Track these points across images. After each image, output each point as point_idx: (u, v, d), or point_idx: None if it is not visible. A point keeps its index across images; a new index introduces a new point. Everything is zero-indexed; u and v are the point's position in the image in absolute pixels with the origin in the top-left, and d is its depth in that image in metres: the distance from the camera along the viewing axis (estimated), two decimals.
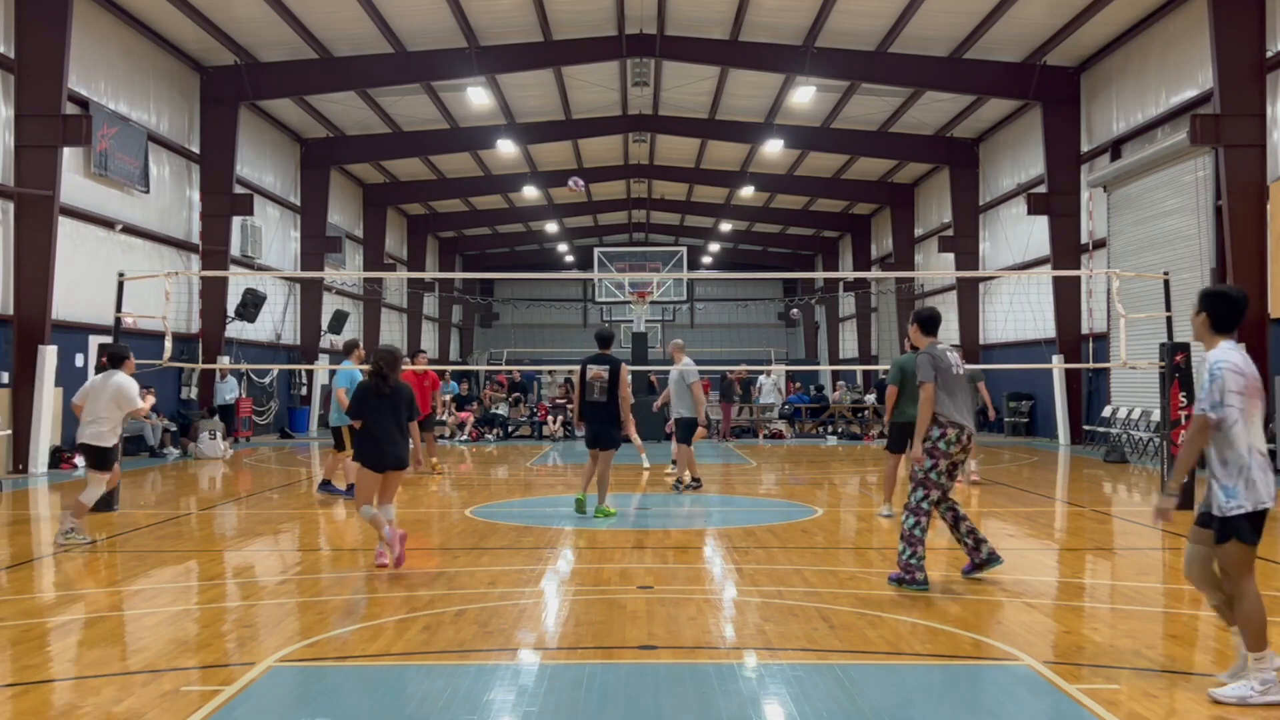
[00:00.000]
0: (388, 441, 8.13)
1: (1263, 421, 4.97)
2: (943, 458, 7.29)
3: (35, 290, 16.17)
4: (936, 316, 7.83)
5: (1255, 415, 4.89)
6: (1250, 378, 4.88)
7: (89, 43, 18.08)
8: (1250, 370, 4.90)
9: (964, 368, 7.57)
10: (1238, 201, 16.71)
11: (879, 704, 4.88)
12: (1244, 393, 4.85)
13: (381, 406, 8.17)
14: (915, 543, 7.32)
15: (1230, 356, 4.92)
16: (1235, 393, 4.84)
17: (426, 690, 5.08)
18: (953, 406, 7.33)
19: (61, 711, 4.82)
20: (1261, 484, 4.85)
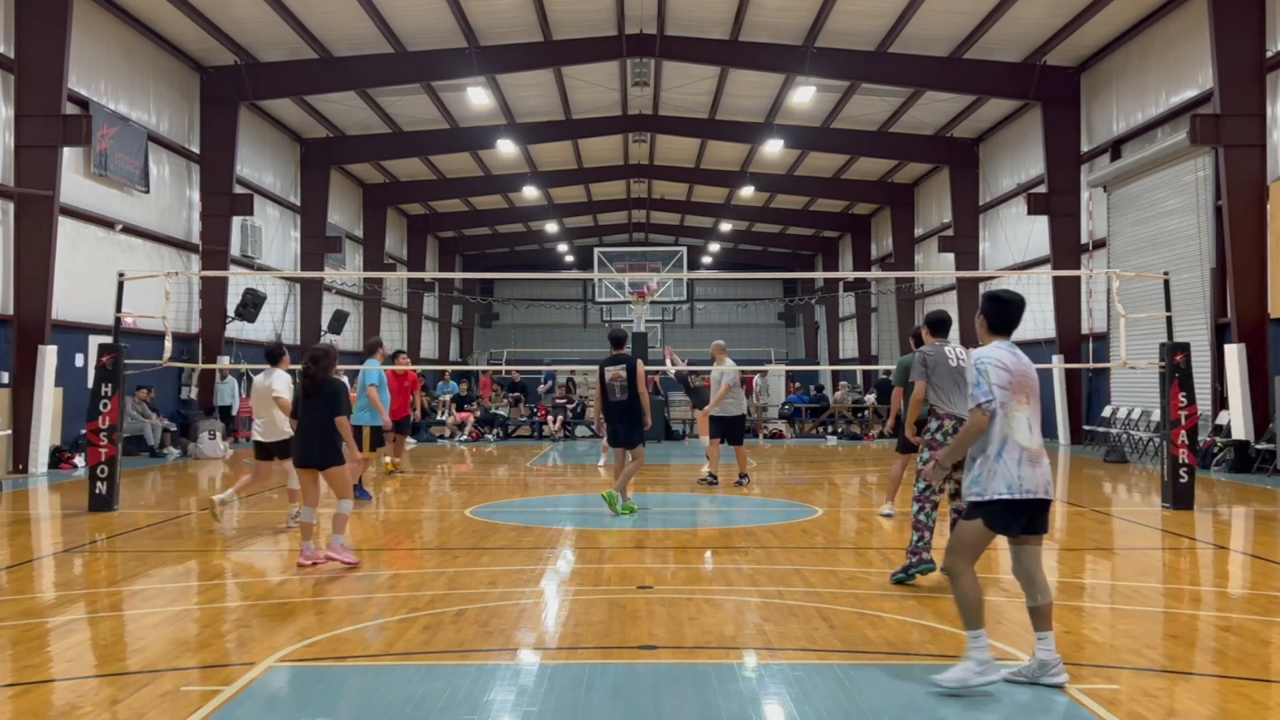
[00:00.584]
0: (307, 440, 8.19)
1: (1031, 422, 5.13)
2: (940, 449, 7.43)
3: (35, 290, 16.17)
4: (946, 319, 8.05)
5: (1018, 410, 5.09)
6: (1017, 374, 5.10)
7: (89, 43, 18.08)
8: (1019, 367, 5.13)
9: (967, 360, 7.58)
10: (1238, 201, 16.71)
11: (879, 704, 4.88)
12: (1006, 387, 5.07)
13: (307, 405, 8.20)
14: (920, 527, 7.50)
15: (995, 354, 5.15)
16: (998, 386, 5.07)
17: (426, 690, 5.08)
18: (950, 399, 7.51)
19: (61, 711, 4.82)
20: (1004, 477, 5.02)
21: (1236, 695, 5.06)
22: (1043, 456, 5.14)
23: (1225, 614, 6.83)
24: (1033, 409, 5.16)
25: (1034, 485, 5.05)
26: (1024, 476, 5.04)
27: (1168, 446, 11.92)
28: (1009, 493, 5.02)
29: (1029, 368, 5.20)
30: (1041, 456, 5.13)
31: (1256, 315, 16.51)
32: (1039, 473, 5.08)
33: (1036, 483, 5.06)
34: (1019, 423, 5.09)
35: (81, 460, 16.30)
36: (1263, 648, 5.92)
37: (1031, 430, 5.13)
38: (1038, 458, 5.11)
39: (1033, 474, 5.06)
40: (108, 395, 11.87)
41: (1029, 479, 5.05)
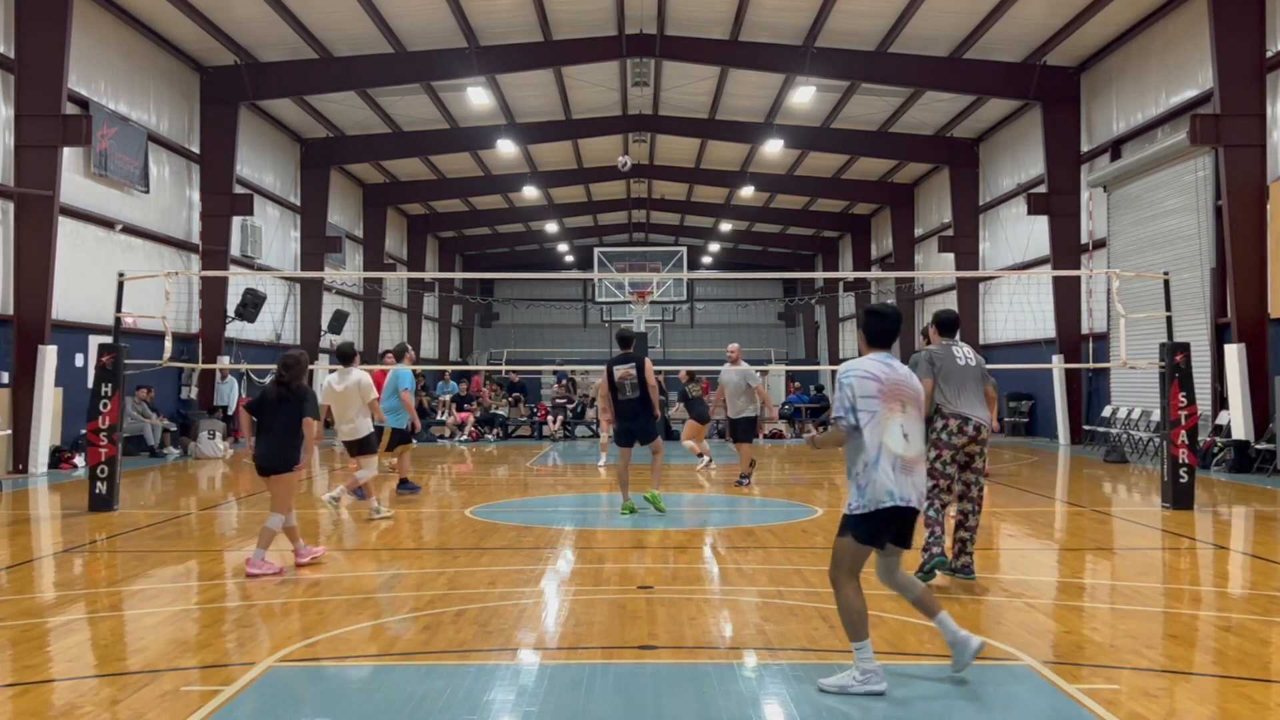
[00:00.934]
0: (271, 445, 8.08)
1: (907, 429, 5.12)
2: (945, 448, 7.41)
3: (35, 290, 16.17)
4: (952, 319, 7.99)
5: (891, 418, 5.09)
6: (888, 384, 5.13)
7: (89, 43, 18.08)
8: (891, 377, 5.15)
9: (974, 360, 7.64)
10: (1238, 201, 16.71)
11: (879, 704, 4.88)
12: (875, 396, 5.11)
13: (278, 411, 8.12)
14: (930, 523, 7.45)
15: (863, 365, 5.20)
16: (865, 398, 5.10)
17: (426, 690, 5.08)
18: (955, 398, 7.45)
19: (61, 711, 4.82)
20: (882, 485, 5.03)
21: (1236, 695, 5.06)
22: (918, 465, 5.14)
23: (1225, 614, 6.83)
24: (909, 416, 5.16)
25: (906, 493, 5.05)
26: (899, 484, 5.05)
27: (1168, 446, 11.92)
28: (888, 500, 5.03)
29: (905, 378, 5.24)
30: (917, 465, 5.14)
31: (1256, 315, 16.50)
32: (910, 480, 5.08)
33: (907, 491, 5.06)
34: (893, 430, 5.09)
35: (81, 460, 16.30)
36: (1263, 648, 5.91)
37: (908, 438, 5.13)
38: (912, 465, 5.11)
39: (905, 481, 5.06)
40: (108, 395, 11.87)
41: (902, 486, 5.05)
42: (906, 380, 5.24)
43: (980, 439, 7.43)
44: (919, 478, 5.14)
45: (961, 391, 7.47)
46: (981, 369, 7.69)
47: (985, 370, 7.75)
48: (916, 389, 5.27)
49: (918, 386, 5.30)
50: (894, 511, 5.07)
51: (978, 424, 7.40)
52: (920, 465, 5.17)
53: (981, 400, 7.56)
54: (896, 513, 5.08)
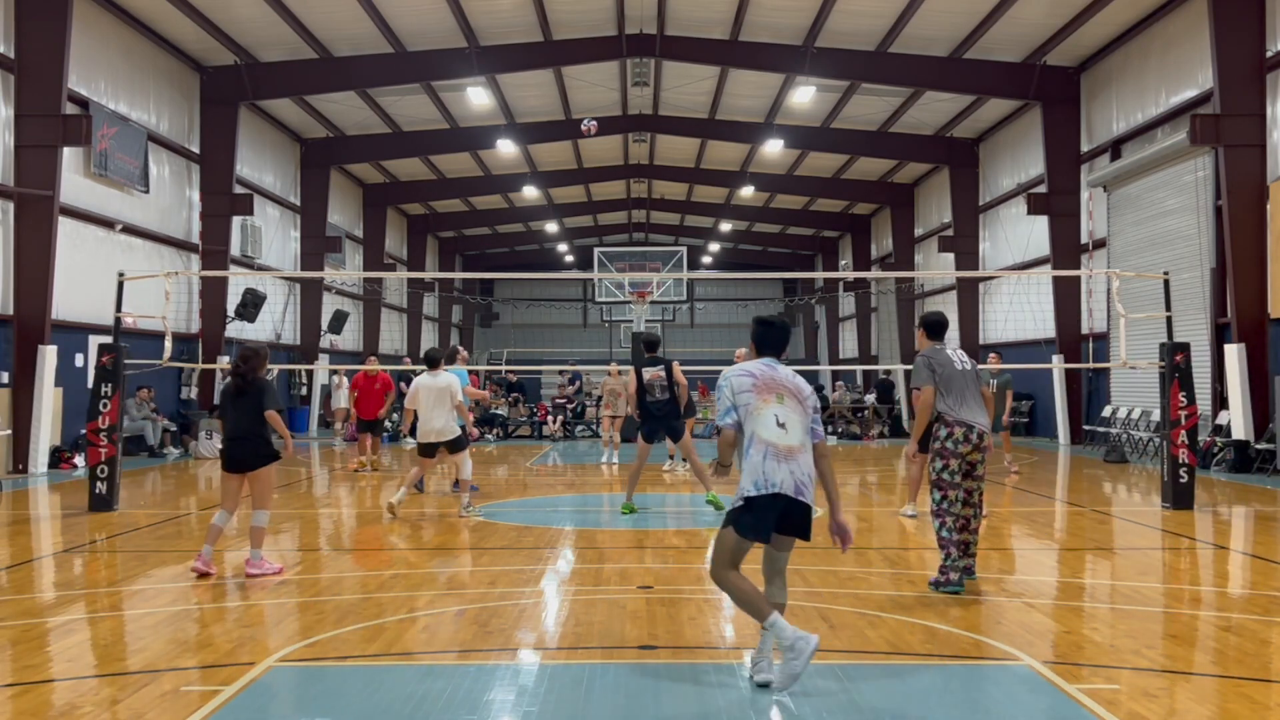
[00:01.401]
0: (239, 441, 7.99)
1: (782, 419, 5.12)
2: (952, 457, 7.26)
3: (35, 290, 16.17)
4: (943, 321, 7.84)
5: (765, 408, 5.13)
6: (763, 379, 5.22)
7: (89, 43, 18.08)
8: (767, 374, 5.24)
9: (969, 364, 7.53)
10: (1238, 201, 16.71)
11: (879, 704, 4.88)
12: (750, 390, 5.19)
13: (239, 404, 8.04)
14: (945, 545, 7.27)
15: (741, 367, 5.32)
16: (741, 393, 5.19)
17: (426, 690, 5.08)
18: (958, 405, 7.31)
19: (61, 711, 4.82)
20: (750, 474, 5.05)
21: (1236, 695, 5.05)
22: (796, 455, 5.08)
23: (1225, 614, 6.83)
24: (788, 408, 5.16)
25: (779, 480, 5.00)
26: (769, 471, 5.01)
27: (1168, 446, 11.92)
28: (754, 489, 5.01)
29: (786, 378, 5.27)
30: (794, 455, 5.08)
31: (1256, 315, 16.50)
32: (784, 468, 5.02)
33: (781, 478, 5.01)
34: (765, 419, 5.11)
35: (81, 460, 16.30)
36: (1263, 648, 5.91)
37: (786, 428, 5.11)
38: (787, 454, 5.06)
39: (777, 468, 5.02)
40: (108, 395, 11.87)
41: (774, 473, 5.01)
42: (786, 379, 5.25)
43: (982, 446, 7.32)
44: (797, 465, 5.06)
45: (963, 398, 7.34)
46: (976, 371, 7.57)
47: (979, 372, 7.67)
48: (799, 387, 5.27)
49: (802, 386, 5.29)
50: (766, 501, 5.01)
51: (980, 431, 7.28)
52: (800, 454, 5.09)
53: (981, 405, 7.44)
54: (769, 502, 5.01)
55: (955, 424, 7.28)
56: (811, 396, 5.31)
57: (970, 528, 7.40)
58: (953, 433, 7.27)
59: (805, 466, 5.10)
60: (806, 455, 5.13)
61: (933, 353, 7.53)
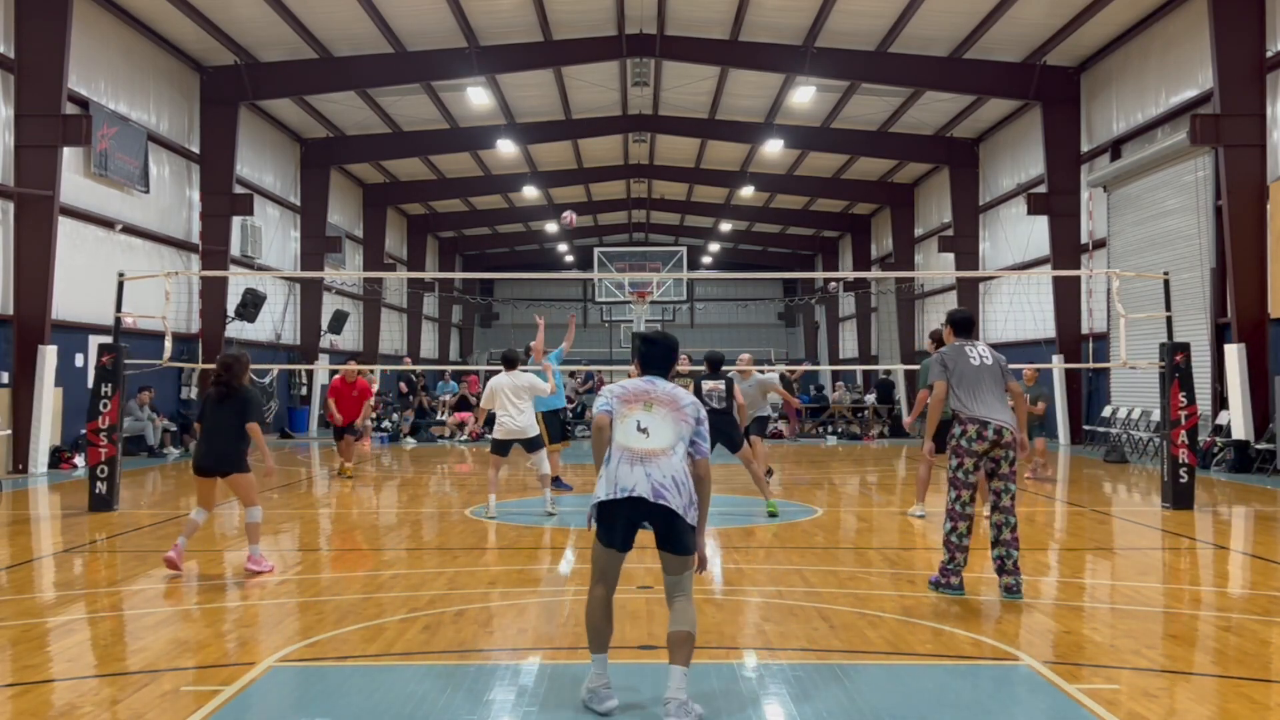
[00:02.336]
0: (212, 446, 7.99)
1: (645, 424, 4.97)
2: (966, 455, 7.09)
3: (35, 290, 16.17)
4: (968, 318, 7.66)
5: (629, 415, 5.00)
6: (633, 390, 5.08)
7: (89, 43, 18.08)
8: (635, 386, 5.11)
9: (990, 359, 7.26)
10: (1238, 201, 16.71)
11: (879, 704, 4.88)
12: (620, 398, 5.07)
13: (220, 411, 8.01)
14: (951, 548, 7.14)
15: (619, 384, 5.21)
16: (614, 398, 5.09)
17: (426, 690, 5.08)
18: (973, 401, 7.10)
19: (61, 711, 4.82)
20: (606, 480, 4.89)
21: (1236, 695, 5.05)
22: (657, 458, 4.86)
23: (1225, 614, 6.83)
24: (656, 415, 4.96)
25: (630, 483, 4.79)
26: (620, 475, 4.83)
27: (1168, 446, 11.92)
28: (604, 494, 4.85)
29: (656, 388, 5.07)
30: (654, 458, 4.86)
31: (1256, 315, 16.51)
32: (639, 470, 4.82)
33: (635, 480, 4.80)
34: (628, 424, 4.96)
35: (81, 460, 16.30)
36: (1263, 648, 5.91)
37: (647, 433, 4.92)
38: (644, 457, 4.86)
39: (630, 472, 4.82)
40: (108, 395, 11.87)
41: (625, 477, 4.81)
42: (660, 392, 5.05)
43: (1004, 443, 7.00)
44: (656, 468, 4.82)
45: (978, 393, 7.10)
46: (1000, 367, 7.27)
47: (1005, 368, 7.33)
48: (676, 397, 5.04)
49: (679, 396, 5.05)
50: (616, 506, 4.83)
51: (998, 427, 7.00)
52: (663, 458, 4.85)
53: (1003, 401, 7.15)
54: (618, 507, 4.83)
55: (969, 421, 7.07)
56: (693, 408, 5.03)
57: (1002, 538, 7.02)
58: (966, 430, 7.08)
59: (669, 470, 4.83)
60: (672, 460, 4.87)
61: (949, 350, 7.34)
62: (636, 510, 4.83)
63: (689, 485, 4.88)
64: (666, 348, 5.24)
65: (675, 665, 4.68)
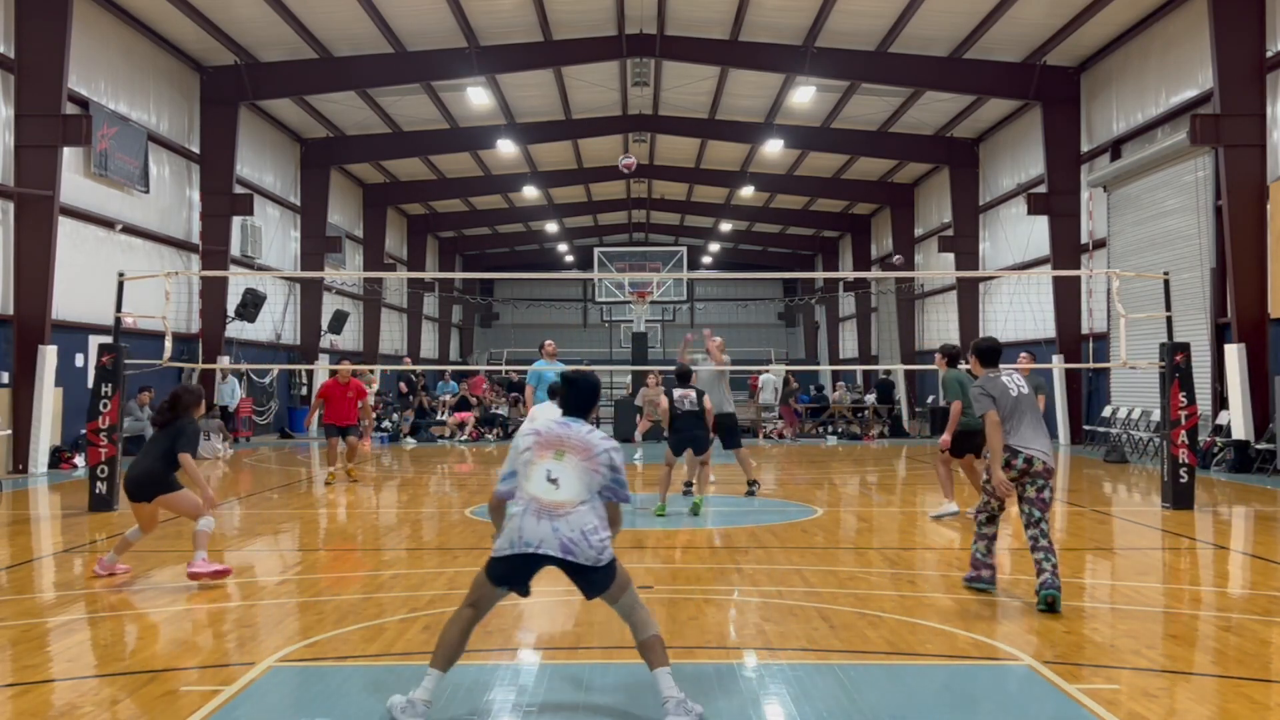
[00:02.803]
0: (134, 469, 7.76)
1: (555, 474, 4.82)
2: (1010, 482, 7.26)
3: (35, 290, 16.17)
4: (996, 347, 7.71)
5: (539, 463, 4.85)
6: (545, 435, 4.93)
7: (89, 42, 18.08)
8: (549, 430, 4.95)
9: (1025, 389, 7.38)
10: (1238, 201, 16.71)
11: (879, 704, 4.88)
12: (532, 448, 4.92)
13: (155, 437, 7.87)
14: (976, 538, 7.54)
15: (534, 424, 5.10)
16: (522, 451, 4.95)
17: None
18: (1013, 430, 7.18)
19: (61, 711, 4.82)
20: (512, 530, 4.78)
21: (1236, 695, 5.05)
22: (565, 511, 4.72)
23: (1225, 614, 6.83)
24: (566, 464, 4.82)
25: (536, 539, 4.69)
26: (525, 528, 4.73)
27: (1168, 446, 11.92)
28: (507, 547, 4.75)
29: (576, 435, 4.90)
30: (562, 511, 4.73)
31: (1256, 315, 16.50)
32: (546, 525, 4.70)
33: (542, 536, 4.69)
34: (537, 474, 4.83)
35: (81, 460, 16.29)
36: (1263, 648, 5.91)
37: (557, 484, 4.78)
38: (552, 510, 4.73)
39: (536, 526, 4.72)
40: (108, 395, 11.86)
41: (530, 531, 4.71)
42: (577, 437, 4.90)
43: (1034, 471, 7.05)
44: (565, 523, 4.71)
45: (1020, 423, 7.16)
46: (1032, 394, 7.45)
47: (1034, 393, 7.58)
48: (589, 444, 4.87)
49: (593, 444, 4.88)
50: (517, 561, 4.75)
51: (1029, 456, 7.04)
52: (571, 512, 4.73)
53: (1039, 428, 7.26)
54: (520, 562, 4.75)
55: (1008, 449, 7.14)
56: (605, 456, 4.86)
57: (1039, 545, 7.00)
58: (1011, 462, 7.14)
59: (578, 524, 4.71)
60: (581, 513, 4.74)
61: (987, 381, 7.39)
62: (535, 565, 4.77)
63: (600, 532, 4.76)
64: (587, 388, 5.09)
65: (658, 669, 4.73)
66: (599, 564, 4.73)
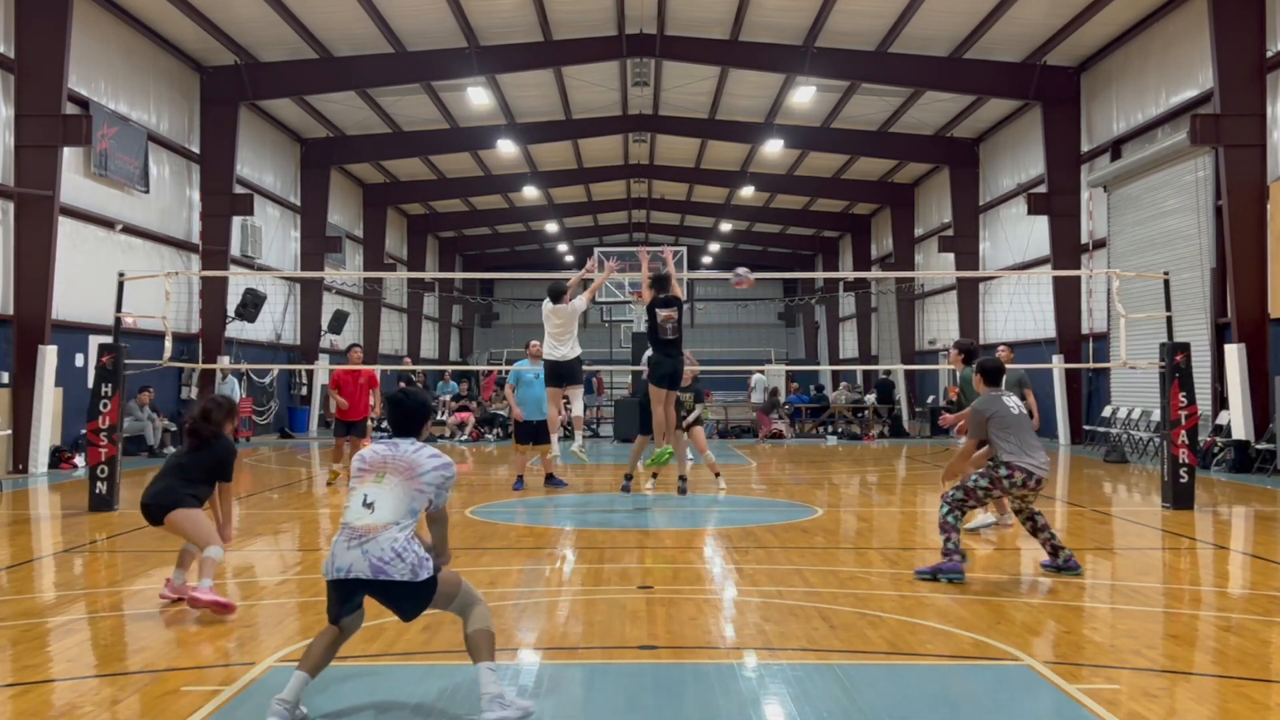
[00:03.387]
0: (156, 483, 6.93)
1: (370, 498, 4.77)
2: (996, 487, 7.61)
3: (35, 290, 16.17)
4: (1000, 368, 7.98)
5: (357, 489, 4.83)
6: (370, 460, 4.87)
7: (89, 43, 18.07)
8: (374, 454, 4.89)
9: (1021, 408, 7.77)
10: (1238, 201, 16.71)
11: (879, 704, 4.88)
12: (358, 475, 4.88)
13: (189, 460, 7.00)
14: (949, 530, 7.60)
15: (359, 454, 5.02)
16: (352, 479, 4.91)
17: (426, 690, 5.09)
18: (1019, 450, 7.56)
19: (61, 711, 4.82)
20: (329, 558, 4.75)
21: (1236, 695, 5.05)
22: (375, 535, 4.66)
23: (1225, 614, 6.83)
24: (385, 485, 4.78)
25: (347, 564, 4.67)
26: (338, 554, 4.70)
27: (1168, 446, 11.91)
28: (328, 573, 4.74)
29: (396, 454, 4.86)
30: (374, 534, 4.66)
31: (1256, 315, 16.50)
32: (356, 550, 4.66)
33: (352, 560, 4.66)
34: (354, 500, 4.80)
35: (81, 460, 16.29)
36: (1263, 648, 5.91)
37: (372, 507, 4.73)
38: (364, 534, 4.68)
39: (346, 551, 4.68)
40: (108, 395, 11.86)
41: (341, 556, 4.68)
42: (403, 456, 4.85)
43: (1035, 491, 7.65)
44: (376, 544, 4.65)
45: (1024, 441, 7.58)
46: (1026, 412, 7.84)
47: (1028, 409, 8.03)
48: (413, 464, 4.83)
49: (419, 463, 4.84)
50: (334, 585, 4.73)
51: (1039, 477, 7.57)
52: (383, 533, 4.66)
53: (1040, 446, 7.69)
54: (336, 586, 4.72)
55: (1018, 469, 7.53)
56: (434, 475, 4.85)
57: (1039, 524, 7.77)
58: (1013, 475, 7.54)
59: (388, 542, 4.66)
60: (393, 532, 4.69)
61: (988, 403, 7.69)
62: (351, 589, 4.73)
63: (414, 546, 4.72)
64: (411, 407, 5.04)
65: (480, 663, 4.72)
66: (416, 579, 4.68)
